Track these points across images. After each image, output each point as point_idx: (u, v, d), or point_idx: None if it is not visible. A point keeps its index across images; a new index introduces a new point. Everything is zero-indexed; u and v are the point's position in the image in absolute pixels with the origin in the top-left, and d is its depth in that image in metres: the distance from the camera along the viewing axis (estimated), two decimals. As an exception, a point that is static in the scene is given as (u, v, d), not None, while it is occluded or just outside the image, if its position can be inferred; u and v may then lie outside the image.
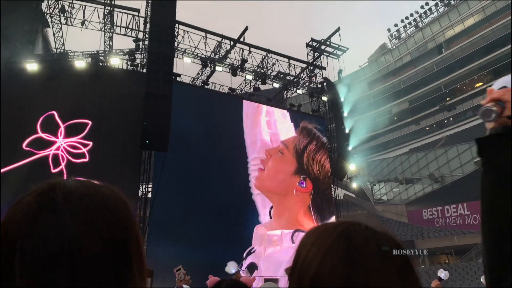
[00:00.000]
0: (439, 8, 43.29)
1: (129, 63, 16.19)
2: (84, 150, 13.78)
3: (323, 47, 21.69)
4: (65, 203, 0.64)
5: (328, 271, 0.68)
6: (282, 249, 15.51)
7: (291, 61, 20.74)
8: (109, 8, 16.35)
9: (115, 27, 16.78)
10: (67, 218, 0.62)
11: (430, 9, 44.18)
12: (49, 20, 16.62)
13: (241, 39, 18.87)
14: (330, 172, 17.79)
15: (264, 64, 19.69)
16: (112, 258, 0.64)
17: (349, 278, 0.66)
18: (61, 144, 13.61)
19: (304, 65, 21.44)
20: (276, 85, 20.14)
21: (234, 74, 18.49)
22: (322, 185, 17.52)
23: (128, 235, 0.68)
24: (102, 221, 0.65)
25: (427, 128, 43.29)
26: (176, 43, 16.62)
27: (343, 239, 0.71)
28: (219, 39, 18.64)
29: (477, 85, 39.53)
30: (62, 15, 16.13)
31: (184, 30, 17.63)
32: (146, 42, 15.83)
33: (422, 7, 44.87)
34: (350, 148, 20.36)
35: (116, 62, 15.63)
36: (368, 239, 0.71)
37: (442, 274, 7.67)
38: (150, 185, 14.85)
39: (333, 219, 17.23)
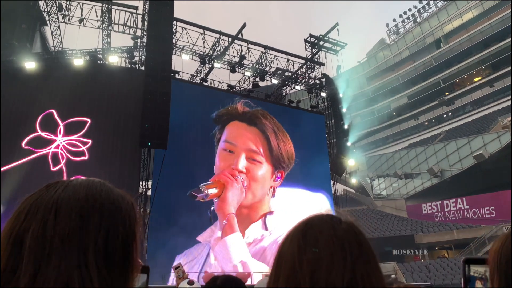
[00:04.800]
0: (437, 2, 43.26)
1: (127, 60, 16.17)
2: (84, 148, 13.78)
3: (321, 42, 21.67)
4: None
5: (287, 246, 0.81)
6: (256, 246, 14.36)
7: (290, 57, 20.73)
8: (106, 5, 16.32)
9: (113, 24, 16.76)
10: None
11: (428, 3, 44.16)
12: (46, 18, 16.58)
13: (240, 36, 18.84)
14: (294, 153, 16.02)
15: (263, 60, 19.68)
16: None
17: (302, 247, 0.78)
18: (61, 143, 13.60)
19: (302, 61, 21.43)
20: (275, 82, 20.12)
21: (232, 70, 18.47)
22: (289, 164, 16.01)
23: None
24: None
25: (426, 123, 43.34)
26: (174, 40, 16.60)
27: (305, 222, 0.84)
28: (217, 35, 18.61)
29: (476, 79, 39.55)
30: (59, 13, 16.11)
31: (182, 27, 17.61)
32: (144, 40, 15.80)
33: (420, 1, 44.84)
34: (349, 143, 20.39)
35: (114, 59, 15.60)
36: (324, 220, 0.83)
37: None
38: (150, 183, 14.87)
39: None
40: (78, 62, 14.69)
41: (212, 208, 14.33)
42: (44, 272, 0.63)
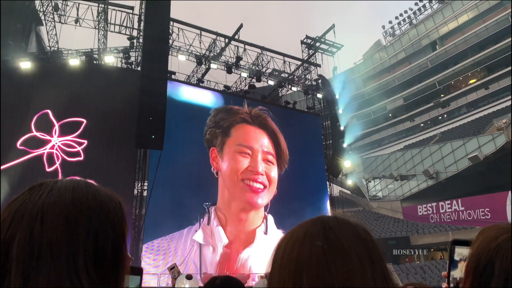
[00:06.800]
0: (433, 5, 43.46)
1: (123, 61, 16.10)
2: (79, 148, 13.72)
3: (318, 44, 21.68)
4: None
5: (309, 250, 0.72)
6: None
7: (286, 59, 20.73)
8: (103, 5, 16.25)
9: (109, 25, 16.69)
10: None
11: (424, 6, 44.34)
12: (42, 18, 16.50)
13: (236, 37, 18.83)
14: None
15: (259, 61, 19.67)
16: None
17: (327, 253, 0.71)
18: (56, 143, 13.53)
19: (299, 63, 21.43)
20: (271, 83, 20.12)
21: (229, 71, 18.45)
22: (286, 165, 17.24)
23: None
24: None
25: (422, 124, 43.49)
26: (170, 41, 16.55)
27: (319, 223, 0.77)
28: (214, 36, 18.58)
29: (471, 81, 39.75)
30: (55, 13, 16.01)
31: (178, 28, 17.57)
32: (141, 40, 15.75)
33: (416, 4, 45.03)
34: (345, 145, 20.41)
35: (110, 60, 15.54)
36: (340, 222, 0.77)
37: None
38: (146, 183, 14.82)
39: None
40: (74, 62, 14.63)
41: (208, 204, 14.70)
42: (34, 281, 0.61)
